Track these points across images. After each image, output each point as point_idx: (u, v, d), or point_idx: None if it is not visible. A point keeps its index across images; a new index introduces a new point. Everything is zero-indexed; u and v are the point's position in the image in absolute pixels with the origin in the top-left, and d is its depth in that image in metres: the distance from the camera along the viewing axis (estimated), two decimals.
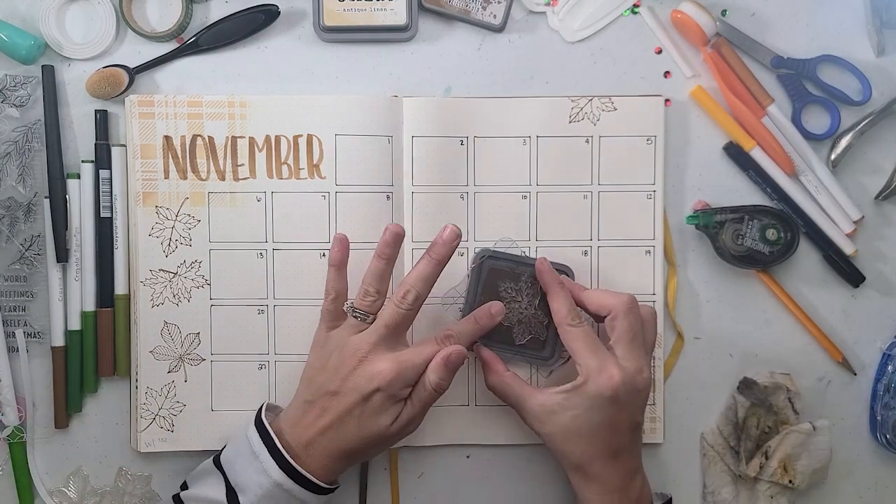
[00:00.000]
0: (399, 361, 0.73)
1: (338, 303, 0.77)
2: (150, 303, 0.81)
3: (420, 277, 0.75)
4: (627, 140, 0.83)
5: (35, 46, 0.79)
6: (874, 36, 0.83)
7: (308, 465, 0.73)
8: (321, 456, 0.73)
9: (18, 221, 0.81)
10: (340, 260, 0.77)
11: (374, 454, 0.78)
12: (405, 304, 0.74)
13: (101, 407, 0.83)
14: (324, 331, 0.77)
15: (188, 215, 0.81)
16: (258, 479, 0.72)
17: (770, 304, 0.85)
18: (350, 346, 0.74)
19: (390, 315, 0.74)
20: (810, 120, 0.84)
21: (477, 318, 0.77)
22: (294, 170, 0.81)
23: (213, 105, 0.80)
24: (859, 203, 0.84)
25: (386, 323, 0.74)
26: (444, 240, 0.75)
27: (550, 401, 0.74)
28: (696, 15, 0.81)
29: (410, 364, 0.73)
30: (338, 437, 0.73)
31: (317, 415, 0.74)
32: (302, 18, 0.83)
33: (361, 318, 0.75)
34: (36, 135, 0.81)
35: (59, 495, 0.83)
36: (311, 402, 0.74)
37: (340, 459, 0.74)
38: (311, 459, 0.73)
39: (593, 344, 0.74)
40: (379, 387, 0.72)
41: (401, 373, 0.72)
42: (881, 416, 0.84)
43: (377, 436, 0.73)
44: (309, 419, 0.74)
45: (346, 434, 0.73)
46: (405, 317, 0.74)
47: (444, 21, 0.83)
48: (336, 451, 0.73)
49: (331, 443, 0.73)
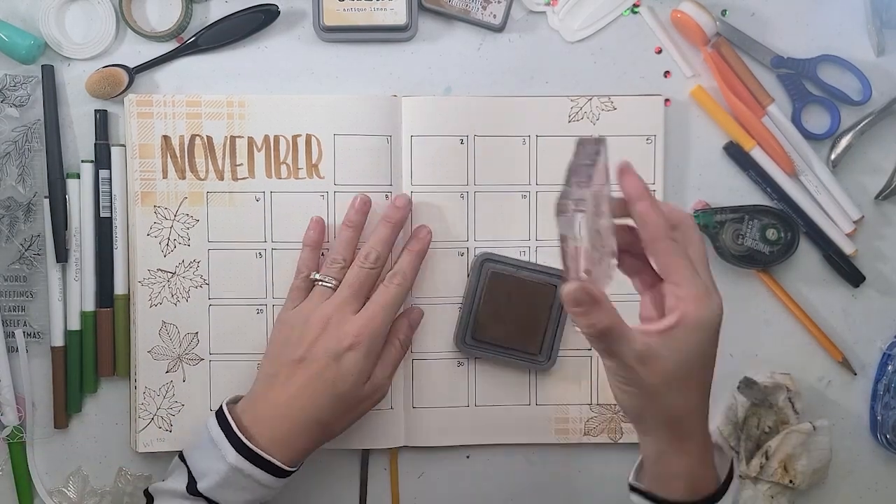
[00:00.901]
0: (366, 317, 0.74)
1: (308, 281, 0.78)
2: (149, 303, 0.81)
3: (380, 240, 0.77)
4: (627, 140, 0.83)
5: (35, 46, 0.79)
6: (874, 36, 0.83)
7: (270, 448, 0.71)
8: (286, 433, 0.72)
9: (18, 221, 0.81)
10: (315, 241, 0.79)
11: (345, 425, 0.76)
12: (368, 262, 0.76)
13: (100, 407, 0.83)
14: (289, 309, 0.77)
15: (187, 215, 0.81)
16: (216, 465, 0.71)
17: (770, 304, 0.85)
18: (315, 314, 0.75)
19: (354, 275, 0.76)
20: (810, 120, 0.84)
21: (410, 249, 0.79)
22: (293, 169, 0.81)
23: (212, 105, 0.80)
24: (859, 203, 0.84)
25: (349, 283, 0.75)
26: (396, 206, 0.79)
27: (653, 342, 0.60)
28: (696, 15, 0.81)
29: (375, 315, 0.74)
30: (305, 405, 0.72)
31: (281, 385, 0.73)
32: (302, 18, 0.83)
33: (328, 285, 0.76)
34: (36, 135, 0.81)
35: (58, 495, 0.83)
36: (274, 375, 0.74)
37: (307, 434, 0.73)
38: (275, 441, 0.72)
39: (700, 262, 0.62)
40: (352, 344, 0.73)
41: (371, 327, 0.74)
42: (881, 416, 0.84)
43: (352, 398, 0.73)
44: (273, 393, 0.73)
45: (316, 401, 0.72)
46: (368, 275, 0.76)
47: (444, 21, 0.83)
48: (304, 424, 0.72)
49: (298, 413, 0.72)
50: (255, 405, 0.74)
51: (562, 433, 0.83)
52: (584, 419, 0.83)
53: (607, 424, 0.83)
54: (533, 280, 0.81)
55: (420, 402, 0.83)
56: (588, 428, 0.83)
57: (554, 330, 0.81)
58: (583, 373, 0.83)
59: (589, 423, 0.83)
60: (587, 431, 0.84)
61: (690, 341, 0.60)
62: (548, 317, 0.81)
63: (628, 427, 0.83)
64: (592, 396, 0.83)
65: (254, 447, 0.70)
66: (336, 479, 0.84)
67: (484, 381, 0.83)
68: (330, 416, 0.73)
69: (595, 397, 0.83)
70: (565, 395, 0.83)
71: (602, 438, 0.84)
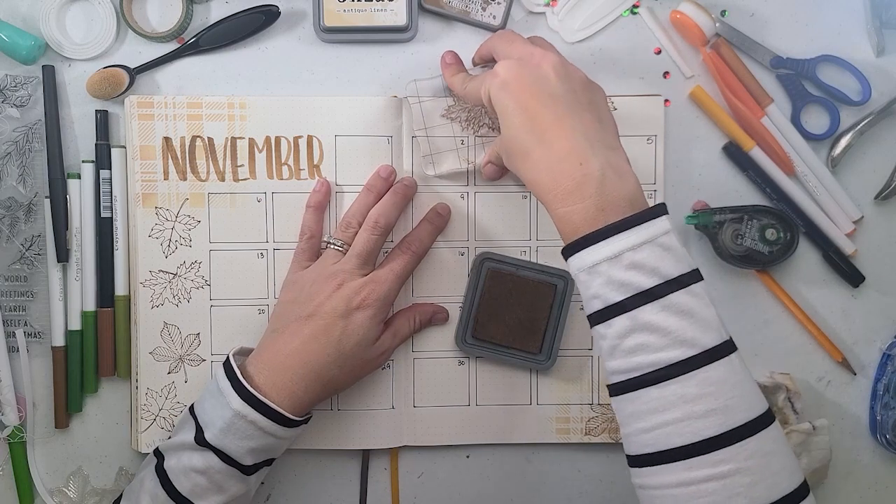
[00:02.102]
0: (376, 281, 0.76)
1: (312, 242, 0.79)
2: (150, 304, 0.81)
3: (388, 208, 0.78)
4: (627, 140, 0.82)
5: (35, 46, 0.79)
6: (874, 36, 0.83)
7: (273, 395, 0.72)
8: (289, 382, 0.73)
9: (19, 221, 0.81)
10: (319, 202, 0.80)
11: (346, 383, 0.77)
12: (377, 230, 0.77)
13: (101, 407, 0.83)
14: (296, 270, 0.78)
15: (188, 216, 0.81)
16: (222, 412, 0.71)
17: (770, 304, 0.85)
18: (326, 274, 0.76)
19: (362, 241, 0.77)
20: (810, 120, 0.84)
21: (429, 220, 0.81)
22: (294, 170, 0.81)
23: (213, 106, 0.80)
24: (859, 203, 0.84)
25: (358, 250, 0.77)
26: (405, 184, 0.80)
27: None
28: (696, 15, 0.81)
29: (385, 280, 0.76)
30: (311, 358, 0.73)
31: (287, 339, 0.74)
32: (302, 19, 0.83)
33: (340, 248, 0.77)
34: (36, 135, 0.81)
35: (59, 495, 0.83)
36: (280, 330, 0.75)
37: (310, 385, 0.73)
38: (277, 387, 0.72)
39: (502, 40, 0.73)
40: (359, 305, 0.74)
41: (380, 291, 0.75)
42: (881, 416, 0.84)
43: (355, 358, 0.75)
44: (279, 345, 0.74)
45: (320, 356, 0.73)
46: (376, 243, 0.77)
47: (444, 21, 0.83)
48: (307, 375, 0.73)
49: (302, 365, 0.73)
50: (260, 355, 0.75)
51: (562, 433, 0.84)
52: (584, 419, 0.84)
53: (608, 424, 0.84)
54: (533, 280, 0.81)
55: (420, 402, 0.83)
56: (589, 428, 0.84)
57: (554, 329, 0.81)
58: (583, 372, 0.83)
59: (590, 423, 0.84)
60: (588, 431, 0.84)
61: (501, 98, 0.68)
62: (548, 316, 0.81)
63: None
64: (593, 396, 0.83)
65: (256, 393, 0.71)
66: (336, 479, 0.84)
67: (484, 381, 0.83)
68: (331, 373, 0.74)
69: (596, 397, 0.83)
70: (566, 394, 0.83)
71: (603, 438, 0.84)
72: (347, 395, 0.81)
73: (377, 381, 0.82)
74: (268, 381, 0.73)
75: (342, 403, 0.82)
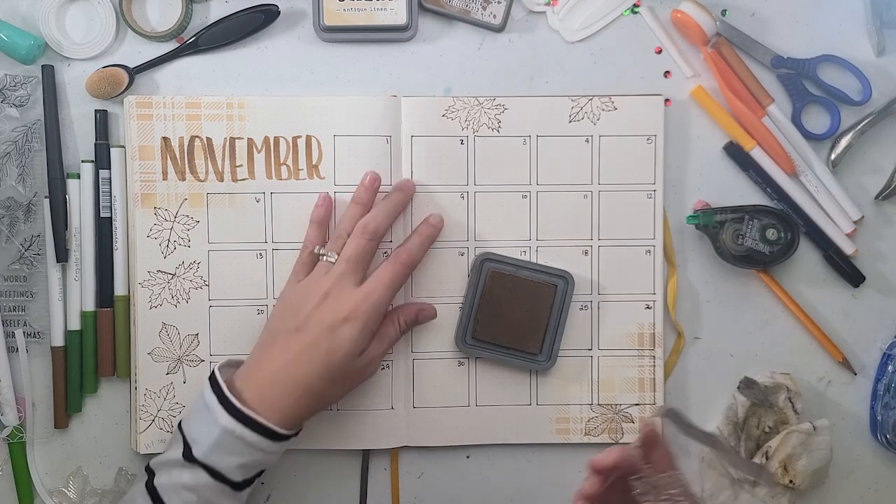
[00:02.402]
0: (365, 292, 0.74)
1: (312, 257, 0.78)
2: (149, 304, 0.81)
3: (380, 212, 0.77)
4: (627, 140, 0.83)
5: (35, 46, 0.79)
6: (874, 36, 0.83)
7: (262, 411, 0.71)
8: (278, 397, 0.72)
9: (18, 221, 0.81)
10: (323, 217, 0.80)
11: (336, 396, 0.77)
12: (366, 233, 0.76)
13: (100, 407, 0.83)
14: (292, 283, 0.78)
15: (187, 216, 0.81)
16: (209, 430, 0.71)
17: (770, 304, 0.85)
18: (314, 286, 0.75)
19: (352, 247, 0.76)
20: (810, 120, 0.84)
21: (420, 232, 0.80)
22: (293, 170, 0.81)
23: (212, 106, 0.80)
24: (859, 203, 0.84)
25: (347, 256, 0.76)
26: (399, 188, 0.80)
27: None
28: (696, 15, 0.81)
29: (374, 291, 0.75)
30: (298, 372, 0.73)
31: (276, 353, 0.74)
32: (302, 18, 0.83)
33: (331, 259, 0.76)
34: (36, 135, 0.81)
35: (58, 495, 0.83)
36: (270, 343, 0.75)
37: (300, 400, 0.73)
38: (266, 403, 0.72)
39: None
40: (348, 317, 0.73)
41: (369, 303, 0.74)
42: (881, 416, 0.84)
43: (344, 369, 0.74)
44: (267, 359, 0.74)
45: (308, 369, 0.73)
46: (366, 247, 0.76)
47: (444, 21, 0.83)
48: (296, 390, 0.73)
49: (291, 379, 0.73)
50: (248, 370, 0.74)
51: (562, 433, 0.84)
52: (584, 419, 0.83)
53: (608, 424, 0.84)
54: (533, 280, 0.81)
55: (420, 402, 0.83)
56: (589, 428, 0.84)
57: (554, 330, 0.81)
58: (583, 373, 0.83)
59: (590, 423, 0.84)
60: (588, 431, 0.84)
61: None
62: (548, 317, 0.81)
63: (629, 427, 0.84)
64: (593, 396, 0.83)
65: (243, 408, 0.71)
66: (336, 479, 0.84)
67: (484, 381, 0.83)
68: (321, 386, 0.74)
69: (596, 397, 0.83)
70: (566, 394, 0.83)
71: (603, 438, 0.84)
72: (347, 396, 0.81)
73: (377, 382, 0.82)
74: (256, 396, 0.72)
75: (342, 404, 0.82)
